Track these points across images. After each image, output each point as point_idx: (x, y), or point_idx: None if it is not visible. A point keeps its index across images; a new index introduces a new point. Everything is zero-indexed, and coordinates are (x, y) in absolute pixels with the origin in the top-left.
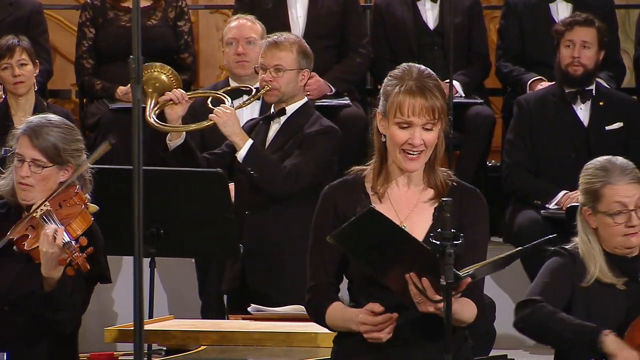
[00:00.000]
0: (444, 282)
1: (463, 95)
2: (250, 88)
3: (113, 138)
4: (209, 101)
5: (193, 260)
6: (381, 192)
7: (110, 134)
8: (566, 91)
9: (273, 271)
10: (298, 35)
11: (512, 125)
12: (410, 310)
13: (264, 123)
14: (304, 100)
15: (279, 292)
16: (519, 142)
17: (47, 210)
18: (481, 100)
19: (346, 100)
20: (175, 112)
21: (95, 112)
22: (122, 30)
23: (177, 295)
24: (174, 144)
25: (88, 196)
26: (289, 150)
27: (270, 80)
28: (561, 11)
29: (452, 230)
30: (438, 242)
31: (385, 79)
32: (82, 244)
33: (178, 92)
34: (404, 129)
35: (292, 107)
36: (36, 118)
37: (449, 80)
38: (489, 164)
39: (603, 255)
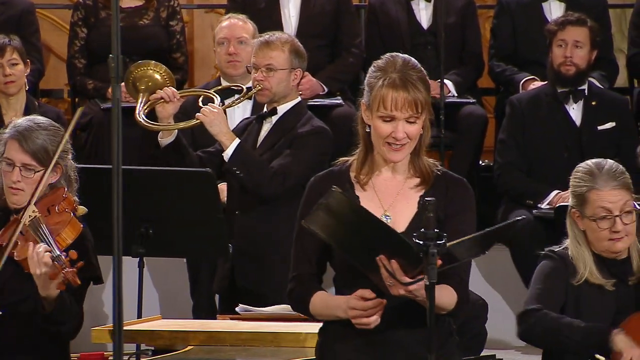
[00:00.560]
0: (427, 282)
1: (456, 94)
2: (241, 87)
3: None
4: (200, 100)
5: (185, 260)
6: (365, 181)
7: (102, 134)
8: (558, 91)
9: (262, 271)
10: (291, 34)
11: (505, 124)
12: (392, 297)
13: (257, 122)
14: (297, 100)
15: (268, 292)
16: (512, 142)
17: (36, 217)
18: (474, 100)
19: (339, 99)
20: (166, 111)
21: (86, 112)
22: None
23: (169, 295)
24: (165, 142)
25: (76, 198)
26: (279, 150)
27: (261, 79)
28: (554, 10)
29: (436, 230)
30: (421, 242)
31: (370, 69)
32: (72, 257)
33: (169, 91)
34: (387, 122)
35: (284, 107)
36: (24, 121)
37: (440, 79)
38: (482, 164)
39: (592, 256)
